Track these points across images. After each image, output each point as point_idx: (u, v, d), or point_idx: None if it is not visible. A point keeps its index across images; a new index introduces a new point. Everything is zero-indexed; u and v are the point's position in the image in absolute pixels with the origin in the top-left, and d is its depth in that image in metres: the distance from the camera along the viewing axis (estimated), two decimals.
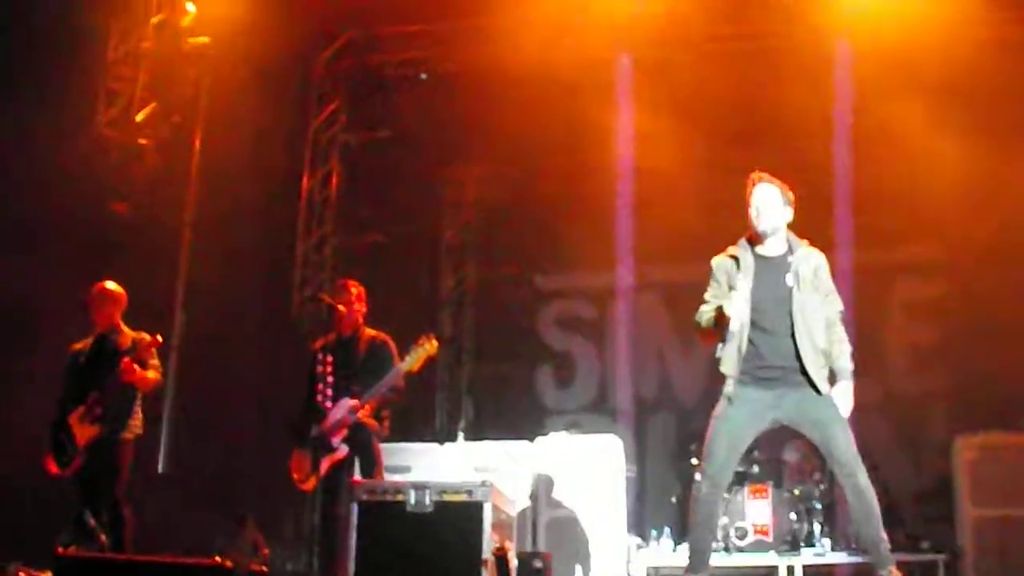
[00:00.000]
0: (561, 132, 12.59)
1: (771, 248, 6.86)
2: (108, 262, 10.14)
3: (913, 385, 13.14)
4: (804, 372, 6.67)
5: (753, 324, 6.71)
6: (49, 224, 10.15)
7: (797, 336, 6.68)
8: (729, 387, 6.75)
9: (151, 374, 8.52)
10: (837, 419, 6.73)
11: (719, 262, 6.95)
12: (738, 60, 12.40)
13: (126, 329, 8.71)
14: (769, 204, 6.83)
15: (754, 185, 6.91)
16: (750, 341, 6.70)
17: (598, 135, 12.93)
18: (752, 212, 6.85)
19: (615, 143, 13.22)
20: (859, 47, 12.38)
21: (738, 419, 6.77)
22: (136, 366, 8.35)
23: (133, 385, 8.45)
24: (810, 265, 6.86)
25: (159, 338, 8.58)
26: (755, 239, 6.90)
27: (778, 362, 6.71)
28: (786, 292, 6.75)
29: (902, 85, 11.90)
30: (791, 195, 6.91)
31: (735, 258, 6.88)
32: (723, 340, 6.78)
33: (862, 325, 12.10)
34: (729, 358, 6.74)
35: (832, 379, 6.78)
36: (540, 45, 12.27)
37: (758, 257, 6.85)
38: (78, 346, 8.76)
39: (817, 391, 6.68)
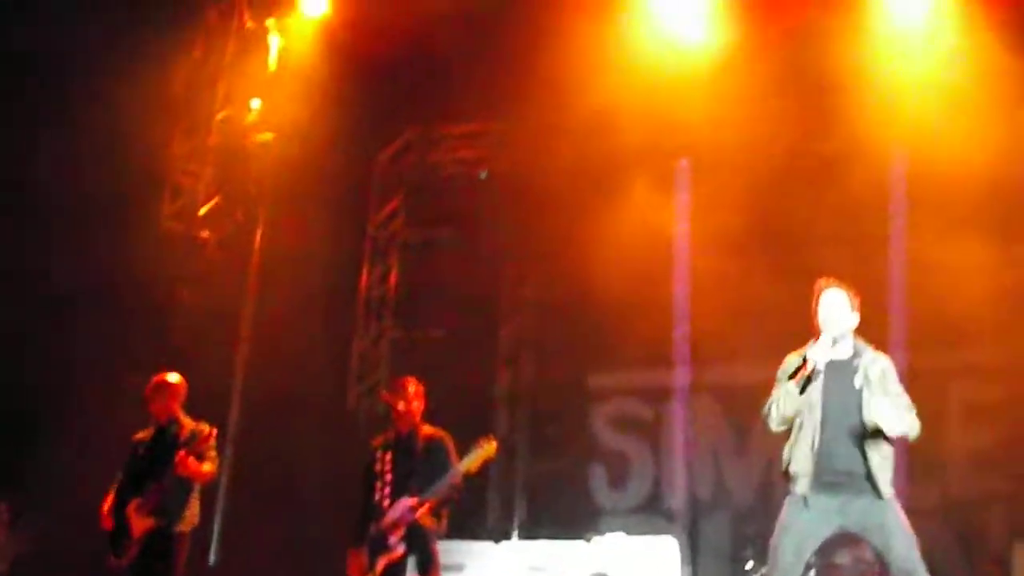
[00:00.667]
0: (619, 231, 12.64)
1: (838, 352, 6.83)
2: (169, 353, 10.27)
3: (972, 490, 12.98)
4: (869, 477, 6.61)
5: (821, 428, 6.67)
6: (117, 312, 10.28)
7: (865, 439, 6.64)
8: (802, 487, 6.67)
9: (207, 466, 8.51)
10: (899, 526, 6.66)
11: (790, 359, 6.91)
12: (798, 168, 12.46)
13: (185, 420, 8.73)
14: (837, 308, 6.82)
15: (822, 290, 6.91)
16: (818, 459, 6.65)
17: (657, 236, 12.98)
18: (820, 316, 6.84)
19: (674, 244, 13.27)
20: (915, 158, 12.44)
21: (805, 525, 6.71)
22: (192, 458, 8.38)
23: (190, 477, 8.49)
24: (877, 368, 6.82)
25: (214, 430, 8.62)
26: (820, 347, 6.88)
27: (845, 467, 6.65)
28: (855, 395, 6.72)
29: (958, 198, 11.92)
30: (858, 300, 6.90)
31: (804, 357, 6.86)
32: (791, 436, 6.74)
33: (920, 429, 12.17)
34: (801, 456, 6.68)
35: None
36: (600, 145, 12.39)
37: (828, 363, 6.82)
38: (139, 436, 8.79)
39: (880, 495, 6.63)
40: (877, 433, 6.63)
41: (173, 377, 8.84)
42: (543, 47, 11.64)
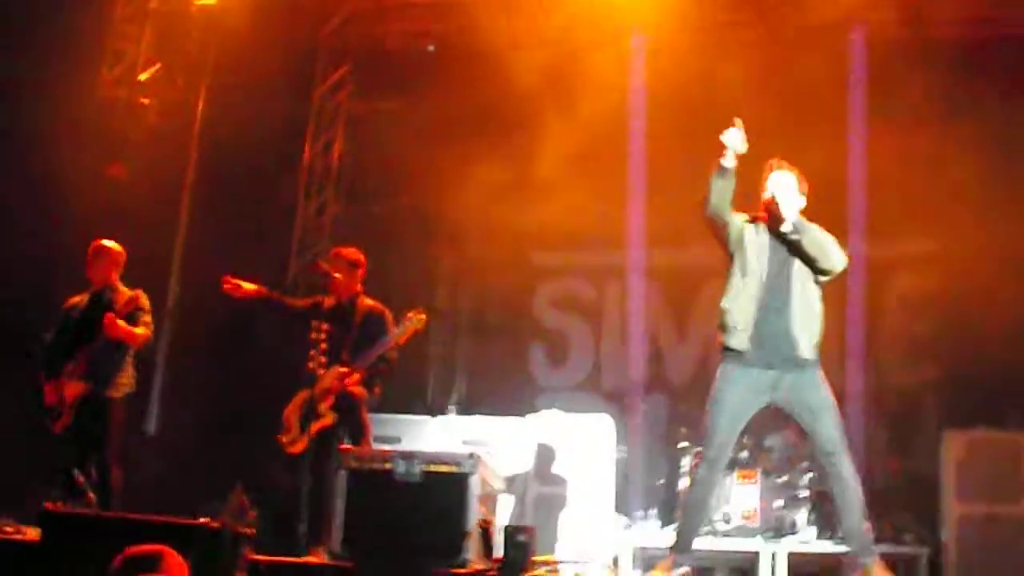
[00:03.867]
0: (568, 109, 12.55)
1: (781, 227, 6.90)
2: (106, 221, 10.17)
3: (905, 378, 13.14)
4: (796, 341, 6.72)
5: (764, 288, 6.77)
6: (53, 180, 10.15)
7: (793, 308, 6.74)
8: (741, 340, 6.78)
9: (140, 330, 8.48)
10: (827, 406, 6.78)
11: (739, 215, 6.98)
12: (751, 47, 12.37)
13: (123, 288, 8.69)
14: (786, 188, 6.87)
15: (771, 170, 6.97)
16: (758, 315, 6.75)
17: (607, 115, 12.89)
18: (767, 195, 6.90)
19: (625, 124, 13.20)
20: (873, 36, 12.38)
21: (739, 396, 6.83)
22: (122, 321, 8.33)
23: (123, 342, 8.45)
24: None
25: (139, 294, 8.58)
26: (765, 220, 6.96)
27: (777, 339, 6.75)
28: (789, 266, 6.81)
29: (913, 76, 11.90)
30: (805, 185, 6.95)
31: (755, 225, 6.94)
32: (730, 290, 6.84)
33: (860, 317, 12.30)
34: (742, 310, 6.78)
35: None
36: (549, 17, 12.26)
37: (770, 234, 6.91)
38: (73, 301, 8.75)
39: (803, 355, 6.72)
40: (808, 301, 6.74)
41: (111, 243, 8.78)
42: None
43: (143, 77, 11.55)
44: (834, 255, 6.80)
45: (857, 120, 12.72)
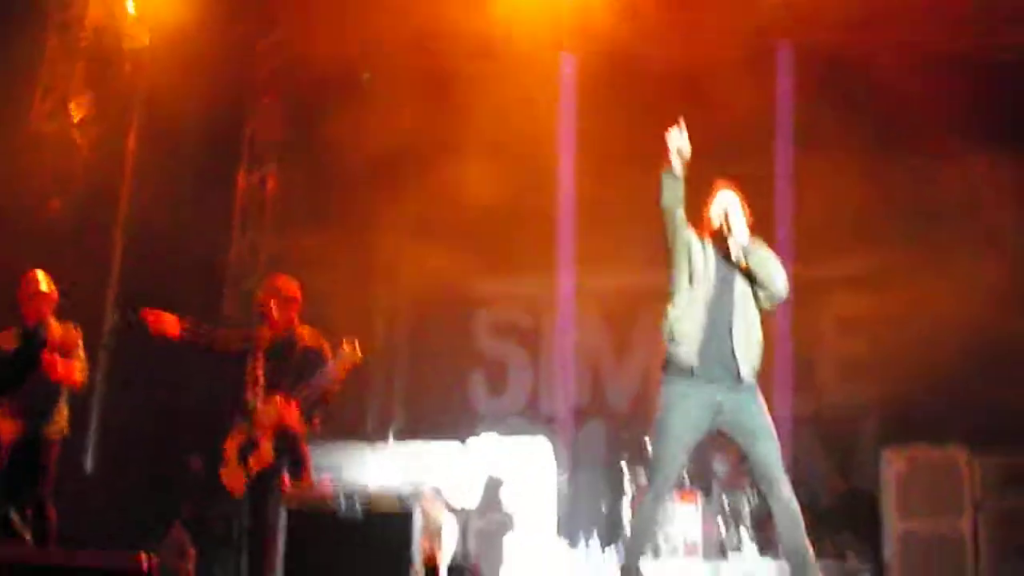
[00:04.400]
0: (503, 135, 12.58)
1: (722, 245, 6.97)
2: (40, 258, 10.07)
3: (843, 398, 13.25)
4: (737, 370, 6.76)
5: (712, 305, 6.81)
6: None
7: (736, 329, 6.78)
8: (688, 355, 6.79)
9: (77, 367, 8.42)
10: (767, 431, 6.80)
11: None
12: (676, 68, 12.46)
13: (55, 324, 8.61)
14: (735, 209, 6.94)
15: (718, 191, 7.03)
16: (707, 329, 6.79)
17: (538, 139, 12.96)
18: (715, 214, 6.95)
19: (558, 148, 13.27)
20: (801, 52, 12.54)
21: (681, 427, 6.82)
22: (61, 359, 8.25)
23: (59, 381, 8.36)
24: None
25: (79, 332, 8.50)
26: (711, 239, 7.01)
27: (720, 357, 6.79)
28: (732, 286, 6.86)
29: (840, 94, 12.04)
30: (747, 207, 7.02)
31: (701, 240, 6.98)
32: (675, 304, 6.87)
33: (796, 339, 12.38)
34: (691, 325, 6.81)
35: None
36: (483, 44, 12.32)
37: (713, 251, 6.96)
38: (2, 339, 8.64)
39: (744, 385, 6.76)
40: (747, 319, 6.79)
41: (43, 276, 8.69)
42: None
43: (75, 113, 11.45)
44: (778, 281, 6.83)
45: (785, 140, 12.85)
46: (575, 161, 13.39)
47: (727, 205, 6.96)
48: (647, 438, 10.35)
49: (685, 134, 6.71)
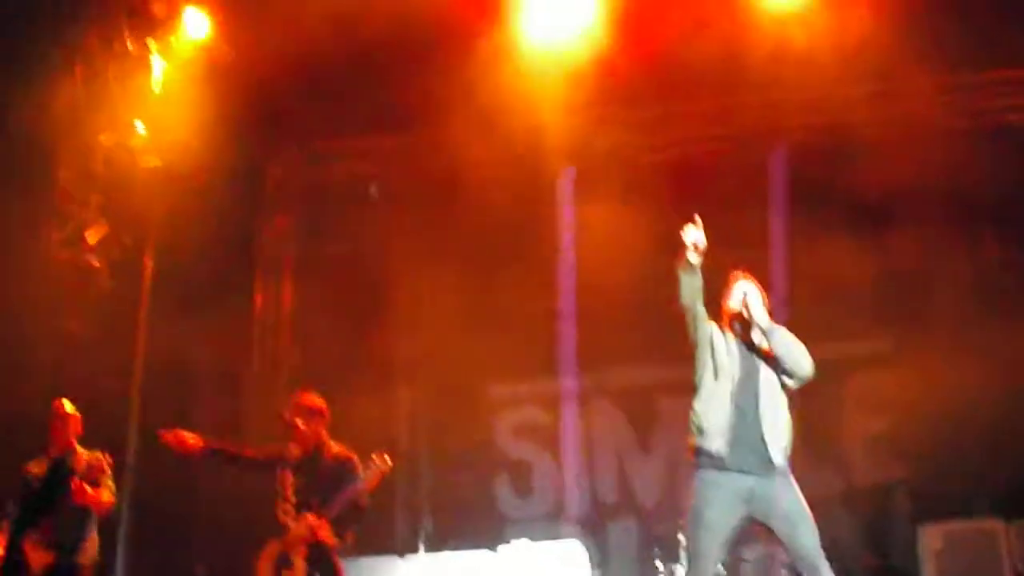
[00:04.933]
0: (511, 244, 12.70)
1: (742, 335, 7.00)
2: (61, 383, 10.13)
3: (874, 476, 13.18)
4: (768, 454, 6.74)
5: (737, 393, 6.81)
6: (11, 350, 10.10)
7: (763, 414, 6.77)
8: (718, 444, 6.76)
9: (105, 495, 8.43)
10: (803, 515, 6.77)
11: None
12: (675, 169, 12.60)
13: (81, 450, 8.64)
14: (755, 296, 6.99)
15: (736, 280, 7.09)
16: (734, 418, 6.78)
17: (546, 243, 13.07)
18: (734, 303, 6.99)
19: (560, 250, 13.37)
20: (795, 151, 12.65)
21: (716, 517, 6.79)
22: (88, 487, 8.26)
23: (87, 508, 8.35)
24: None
25: (108, 457, 8.52)
26: (730, 328, 7.04)
27: (749, 443, 6.77)
28: (756, 373, 6.86)
29: (839, 186, 12.12)
30: (766, 296, 7.07)
31: (721, 330, 7.01)
32: (700, 396, 6.87)
33: (818, 420, 12.33)
34: (717, 415, 6.80)
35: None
36: (486, 160, 12.46)
37: (735, 341, 6.99)
38: (33, 468, 8.66)
39: (776, 469, 6.73)
40: (775, 404, 6.78)
41: (69, 406, 8.74)
42: (427, 61, 11.69)
43: (91, 239, 11.54)
44: (803, 359, 6.88)
45: (780, 226, 12.95)
46: (579, 262, 13.46)
47: (745, 293, 7.01)
48: (680, 534, 10.33)
49: (700, 229, 6.76)
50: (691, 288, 6.83)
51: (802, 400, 7.24)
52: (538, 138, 12.48)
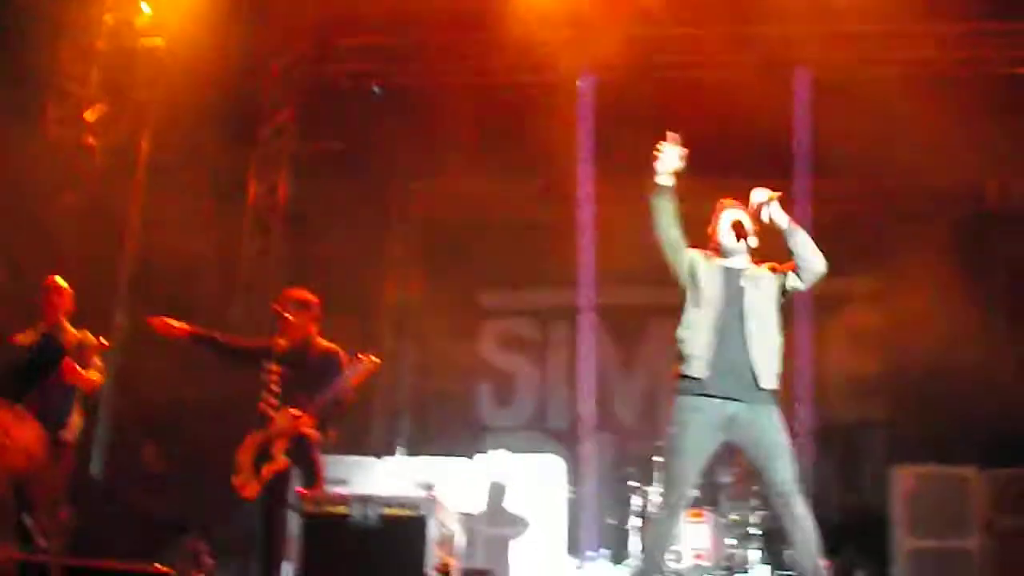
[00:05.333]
0: (516, 149, 12.59)
1: (731, 263, 6.97)
2: (51, 260, 10.09)
3: (852, 414, 13.25)
4: (755, 379, 6.74)
5: (718, 318, 6.80)
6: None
7: (751, 339, 6.76)
8: (698, 368, 6.78)
9: (94, 375, 8.43)
10: (783, 447, 6.76)
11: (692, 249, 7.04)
12: (699, 87, 12.45)
13: (70, 328, 8.61)
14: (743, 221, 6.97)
15: (724, 208, 7.04)
16: (717, 345, 6.77)
17: (555, 155, 12.95)
18: (721, 229, 6.97)
19: (572, 165, 13.23)
20: (818, 74, 12.53)
21: (694, 443, 6.79)
22: (78, 367, 8.25)
23: (74, 386, 8.34)
24: (764, 274, 6.98)
25: (104, 341, 8.49)
26: (717, 256, 7.01)
27: (735, 368, 6.76)
28: (742, 298, 6.84)
29: (857, 109, 12.02)
30: (756, 225, 7.01)
31: (705, 256, 6.99)
32: (685, 320, 6.88)
33: (807, 354, 12.39)
34: (699, 339, 6.80)
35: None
36: (499, 64, 12.33)
37: (722, 268, 6.96)
38: (20, 338, 8.64)
39: (763, 395, 6.74)
40: (763, 327, 6.79)
41: (62, 281, 8.69)
42: None
43: (89, 117, 11.45)
44: (818, 256, 6.88)
45: (803, 158, 12.83)
46: (591, 177, 13.34)
47: (739, 216, 6.99)
48: (656, 455, 10.37)
49: (676, 148, 6.72)
50: (661, 213, 6.84)
51: (794, 330, 7.24)
52: (557, 48, 12.36)
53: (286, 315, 8.48)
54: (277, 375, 8.33)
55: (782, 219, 6.89)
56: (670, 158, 6.79)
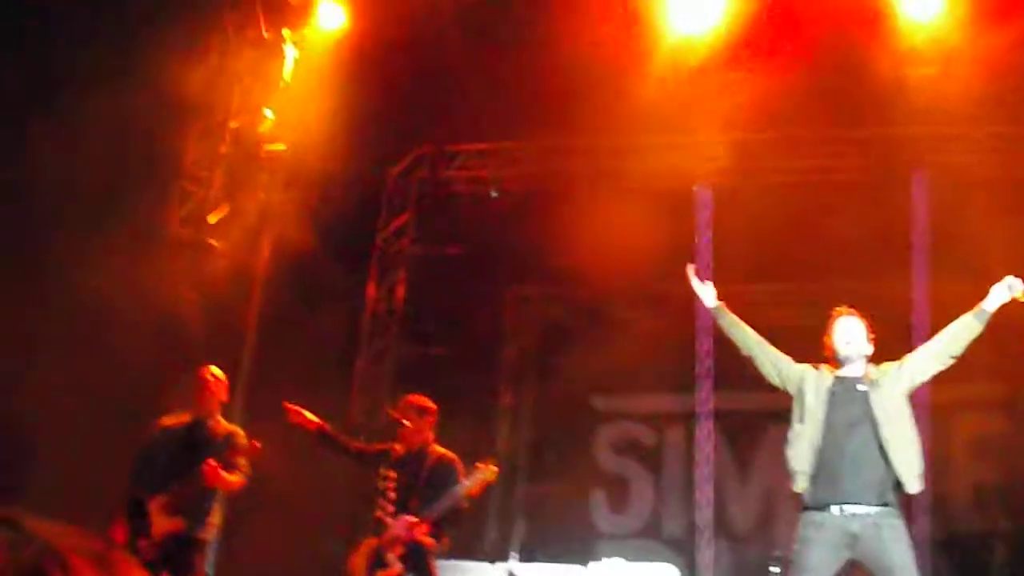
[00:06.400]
0: (629, 253, 12.59)
1: (849, 371, 6.86)
2: (176, 360, 10.27)
3: (976, 524, 12.93)
4: (896, 484, 6.59)
5: (826, 450, 6.67)
6: (125, 318, 10.25)
7: (881, 432, 6.61)
8: (800, 483, 6.66)
9: (236, 478, 8.34)
10: (905, 566, 6.60)
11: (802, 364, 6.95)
12: (814, 191, 12.39)
13: (222, 420, 8.65)
14: (856, 332, 6.86)
15: (839, 316, 6.96)
16: (823, 468, 6.64)
17: (669, 260, 12.92)
18: (836, 339, 6.87)
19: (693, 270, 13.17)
20: (936, 178, 12.38)
21: (816, 560, 6.66)
22: (222, 470, 8.19)
23: (218, 487, 8.38)
24: (886, 371, 6.86)
25: (256, 444, 8.50)
26: (834, 367, 6.91)
27: (857, 485, 6.62)
28: (862, 398, 6.72)
29: (978, 216, 11.85)
30: (872, 333, 6.92)
31: (817, 369, 6.90)
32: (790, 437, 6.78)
33: (930, 460, 12.11)
34: (800, 454, 6.70)
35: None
36: (613, 168, 12.39)
37: (836, 378, 6.85)
38: (169, 422, 8.61)
39: (884, 506, 6.58)
40: (892, 421, 6.65)
41: (218, 372, 8.72)
42: (555, 65, 11.62)
43: (212, 219, 11.71)
44: (962, 333, 6.91)
45: (921, 261, 12.65)
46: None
47: (846, 331, 6.89)
48: (772, 566, 10.19)
49: (693, 278, 6.96)
50: (731, 334, 6.87)
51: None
52: (670, 152, 12.39)
53: (404, 421, 8.50)
54: (393, 481, 8.32)
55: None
56: (699, 287, 6.83)
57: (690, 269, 7.00)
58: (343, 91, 11.87)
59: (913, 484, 6.62)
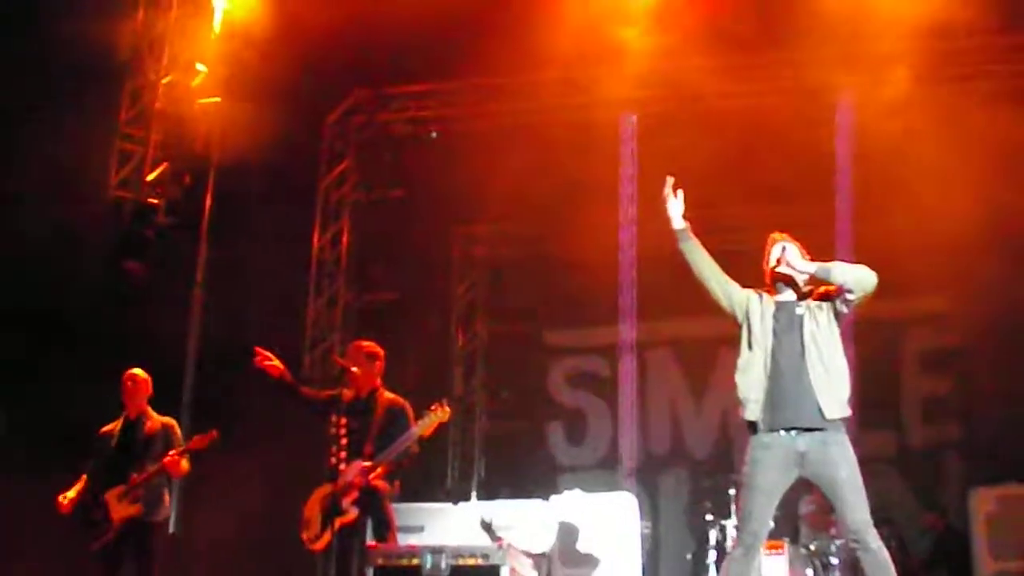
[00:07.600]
0: (568, 190, 12.59)
1: (787, 296, 6.90)
2: (121, 320, 10.25)
3: (927, 438, 13.07)
4: (820, 411, 6.65)
5: (774, 377, 6.71)
6: (64, 282, 10.22)
7: (811, 371, 6.67)
8: (752, 412, 6.71)
9: (184, 464, 8.70)
10: (853, 481, 6.66)
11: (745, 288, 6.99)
12: (740, 118, 12.39)
13: (153, 414, 8.94)
14: (793, 250, 6.90)
15: (775, 242, 6.98)
16: (770, 383, 6.69)
17: (605, 193, 12.95)
18: (774, 261, 6.90)
19: (620, 201, 13.21)
20: (861, 100, 12.40)
21: (767, 480, 6.72)
22: (184, 462, 8.63)
23: (173, 475, 8.72)
24: (820, 305, 6.89)
25: (215, 433, 8.75)
26: (770, 292, 6.94)
27: (796, 404, 6.68)
28: (798, 323, 6.77)
29: (905, 136, 11.90)
30: (808, 256, 6.95)
31: (759, 295, 6.92)
32: (740, 363, 6.81)
33: (874, 378, 12.22)
34: (753, 382, 6.73)
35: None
36: (547, 105, 12.36)
37: (777, 303, 6.89)
38: (107, 429, 8.95)
39: (829, 425, 6.65)
40: (822, 354, 6.70)
41: (141, 372, 9.00)
42: (493, 5, 11.58)
43: (151, 178, 11.63)
44: (866, 276, 6.75)
45: (845, 184, 12.74)
46: (641, 211, 13.32)
47: (784, 248, 6.92)
48: (731, 488, 10.29)
49: (672, 192, 6.82)
50: (692, 257, 6.86)
51: (860, 361, 7.14)
52: (599, 84, 12.38)
53: (352, 368, 8.49)
54: (345, 427, 8.32)
55: (807, 267, 6.84)
56: (673, 204, 6.75)
57: (668, 182, 6.91)
58: (274, 41, 11.77)
59: (832, 410, 6.68)
